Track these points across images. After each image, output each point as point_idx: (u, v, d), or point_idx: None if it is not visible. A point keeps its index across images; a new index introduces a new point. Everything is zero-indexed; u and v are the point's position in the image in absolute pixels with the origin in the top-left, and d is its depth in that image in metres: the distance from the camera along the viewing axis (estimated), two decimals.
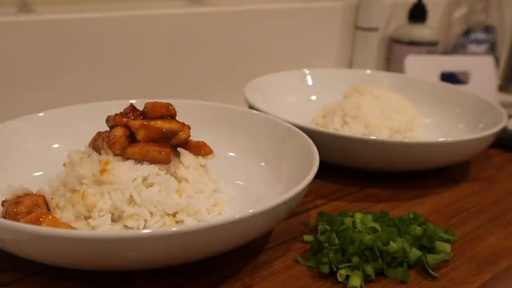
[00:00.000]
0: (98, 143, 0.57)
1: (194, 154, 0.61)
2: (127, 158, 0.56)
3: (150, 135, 0.56)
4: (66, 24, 0.83)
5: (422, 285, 0.51)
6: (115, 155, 0.56)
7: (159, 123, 0.57)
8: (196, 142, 0.62)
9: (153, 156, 0.56)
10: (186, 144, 0.61)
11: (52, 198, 0.55)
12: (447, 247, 0.55)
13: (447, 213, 0.65)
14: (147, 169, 0.55)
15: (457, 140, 0.70)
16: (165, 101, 0.71)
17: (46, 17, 0.82)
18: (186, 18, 0.96)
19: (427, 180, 0.74)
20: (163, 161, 0.56)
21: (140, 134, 0.56)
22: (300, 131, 0.65)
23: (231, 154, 0.70)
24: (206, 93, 1.01)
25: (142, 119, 0.57)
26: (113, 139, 0.55)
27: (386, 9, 1.24)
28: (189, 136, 0.60)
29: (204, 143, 0.63)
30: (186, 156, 0.59)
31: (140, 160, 0.56)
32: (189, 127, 0.60)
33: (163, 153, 0.56)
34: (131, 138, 0.57)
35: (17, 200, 0.53)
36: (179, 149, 0.59)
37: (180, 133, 0.59)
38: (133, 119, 0.57)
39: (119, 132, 0.56)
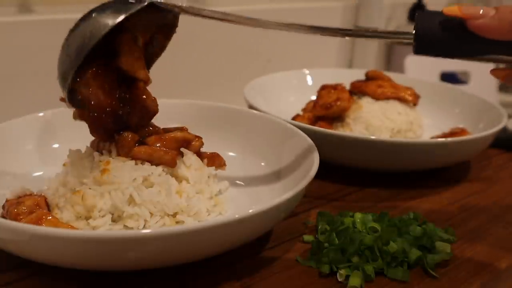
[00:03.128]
0: (102, 143, 0.58)
1: (208, 165, 0.62)
2: (133, 157, 0.56)
3: (166, 146, 0.57)
4: (66, 24, 0.83)
5: (422, 285, 0.51)
6: (121, 155, 0.56)
7: (172, 134, 0.58)
8: (211, 154, 0.63)
9: (159, 156, 0.56)
10: (201, 155, 0.62)
11: (52, 199, 0.55)
12: (447, 247, 0.55)
13: (447, 213, 0.65)
14: (147, 169, 0.55)
15: (457, 140, 0.70)
16: (165, 101, 0.72)
17: (46, 17, 0.82)
18: (185, 18, 0.96)
19: (427, 180, 0.74)
20: (169, 163, 0.56)
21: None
22: (300, 131, 0.65)
23: (231, 154, 0.70)
24: (206, 93, 1.01)
25: (157, 134, 0.58)
26: (122, 141, 0.55)
27: (386, 9, 1.24)
28: (203, 144, 0.61)
29: (218, 154, 0.64)
30: (189, 156, 0.59)
31: (145, 159, 0.56)
32: (201, 138, 0.61)
33: (170, 154, 0.56)
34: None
35: (18, 200, 0.53)
36: (182, 149, 0.59)
37: (193, 142, 0.60)
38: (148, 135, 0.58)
39: (129, 136, 0.56)
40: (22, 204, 0.52)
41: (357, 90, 0.84)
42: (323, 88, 0.84)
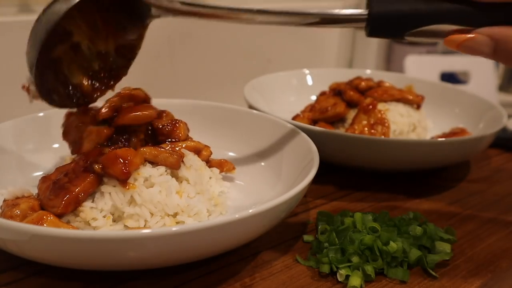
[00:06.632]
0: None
1: (219, 171, 0.64)
2: None
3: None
4: None
5: (422, 285, 0.51)
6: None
7: (184, 144, 0.60)
8: (219, 160, 0.64)
9: (164, 157, 0.56)
10: (209, 163, 0.63)
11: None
12: (447, 247, 0.55)
13: (447, 213, 0.65)
14: (148, 169, 0.55)
15: (457, 140, 0.70)
16: (165, 101, 0.72)
17: None
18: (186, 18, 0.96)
19: (427, 180, 0.74)
20: (173, 165, 0.56)
21: None
22: (300, 131, 0.65)
23: (231, 154, 0.70)
24: (206, 93, 1.01)
25: (170, 141, 0.60)
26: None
27: None
28: (211, 154, 0.63)
29: (226, 160, 0.65)
30: (189, 157, 0.59)
31: (150, 160, 0.56)
32: (209, 147, 0.63)
33: (175, 156, 0.56)
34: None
35: (14, 202, 0.52)
36: (182, 150, 0.59)
37: (202, 151, 0.61)
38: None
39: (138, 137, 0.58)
40: (17, 206, 0.51)
41: (355, 104, 0.83)
42: (322, 93, 0.85)
